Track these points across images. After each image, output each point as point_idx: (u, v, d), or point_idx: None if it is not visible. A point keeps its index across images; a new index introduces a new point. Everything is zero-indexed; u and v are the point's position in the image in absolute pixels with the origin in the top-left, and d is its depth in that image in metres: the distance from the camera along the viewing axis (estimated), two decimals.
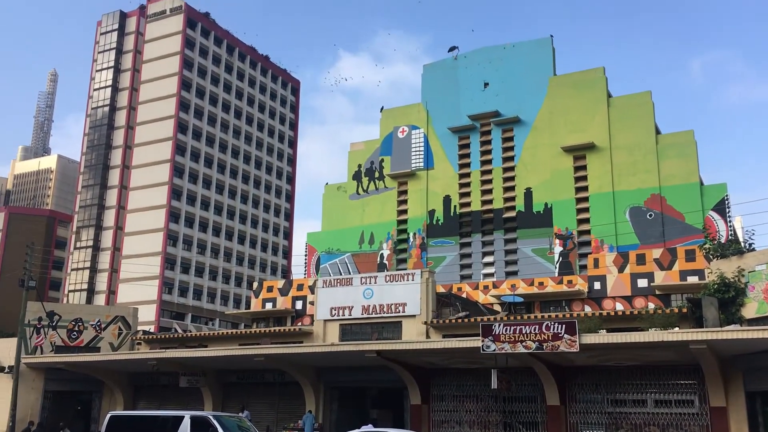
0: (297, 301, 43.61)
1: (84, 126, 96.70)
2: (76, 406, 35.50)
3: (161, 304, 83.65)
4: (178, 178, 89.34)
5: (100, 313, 37.63)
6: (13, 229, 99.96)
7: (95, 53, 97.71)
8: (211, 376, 31.30)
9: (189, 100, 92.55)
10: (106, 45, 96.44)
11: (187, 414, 21.71)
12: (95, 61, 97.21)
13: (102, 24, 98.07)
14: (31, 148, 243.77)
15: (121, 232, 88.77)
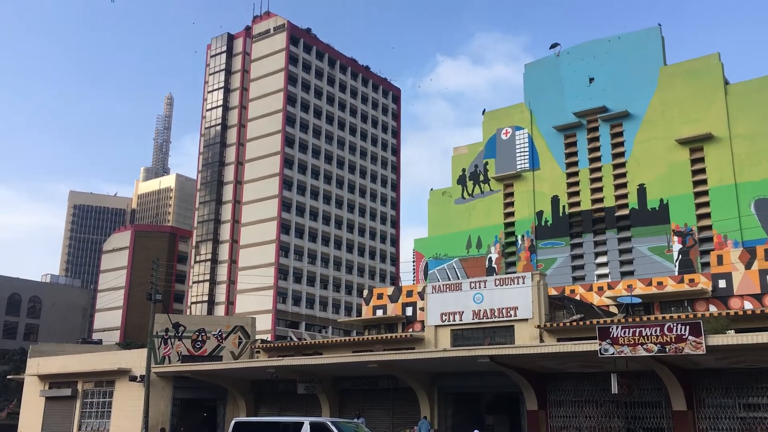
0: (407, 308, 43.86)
1: (199, 145, 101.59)
2: (203, 412, 37.16)
3: (276, 313, 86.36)
4: (287, 190, 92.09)
5: (220, 324, 39.28)
6: (139, 245, 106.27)
7: (206, 75, 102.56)
8: (327, 383, 31.95)
9: (294, 114, 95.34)
10: (216, 67, 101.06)
11: (306, 420, 22.28)
12: (206, 83, 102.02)
13: (212, 47, 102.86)
14: (152, 169, 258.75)
15: (237, 245, 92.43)
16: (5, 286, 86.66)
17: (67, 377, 38.47)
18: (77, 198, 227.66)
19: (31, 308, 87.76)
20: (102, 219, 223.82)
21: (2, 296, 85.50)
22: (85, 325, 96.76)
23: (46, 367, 39.78)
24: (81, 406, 37.59)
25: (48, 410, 38.99)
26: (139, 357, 35.85)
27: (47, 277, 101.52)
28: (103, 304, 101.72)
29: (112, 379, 36.71)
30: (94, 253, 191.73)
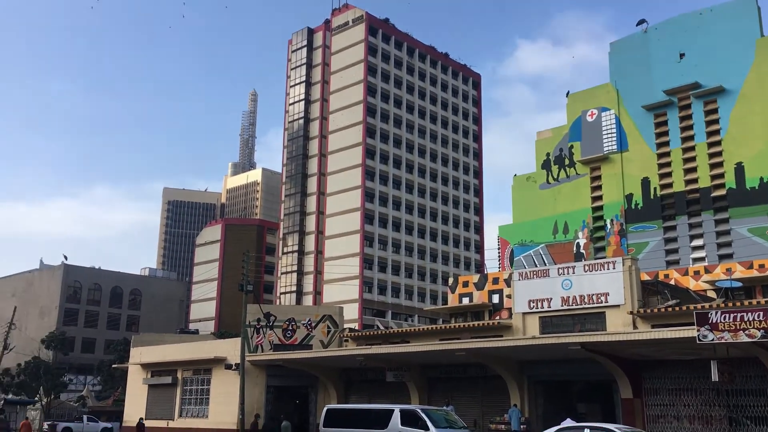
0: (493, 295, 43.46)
1: (283, 139, 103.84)
2: (295, 400, 38.13)
3: (363, 303, 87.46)
4: (370, 180, 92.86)
5: (309, 313, 40.13)
6: (229, 238, 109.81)
7: (288, 70, 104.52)
8: (415, 371, 32.13)
9: (375, 104, 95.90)
10: (297, 61, 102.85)
11: (396, 407, 22.50)
12: (288, 77, 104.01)
13: (292, 42, 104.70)
14: (239, 164, 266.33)
15: (322, 235, 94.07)
16: (108, 280, 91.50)
17: (168, 366, 40.24)
18: (171, 194, 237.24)
19: (132, 300, 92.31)
20: (194, 214, 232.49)
21: (106, 290, 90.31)
22: (182, 316, 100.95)
23: (148, 356, 41.75)
24: (181, 393, 39.26)
25: (151, 397, 40.93)
26: (233, 346, 37.09)
27: (146, 270, 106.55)
28: (198, 295, 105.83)
29: (209, 368, 38.16)
30: (188, 246, 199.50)
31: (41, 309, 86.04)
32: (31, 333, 73.01)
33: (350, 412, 24.85)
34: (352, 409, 25.74)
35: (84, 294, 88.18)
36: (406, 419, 21.67)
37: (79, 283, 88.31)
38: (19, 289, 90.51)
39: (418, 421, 21.39)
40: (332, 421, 23.72)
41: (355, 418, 23.68)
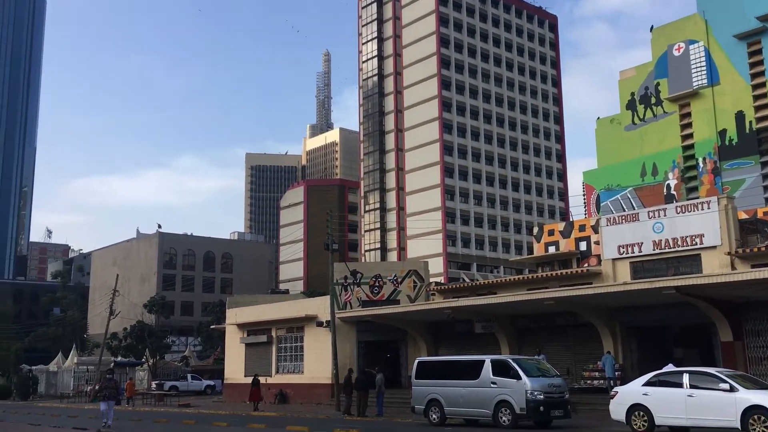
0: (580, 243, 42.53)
1: (358, 97, 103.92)
2: (386, 354, 38.83)
3: (447, 256, 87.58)
4: (447, 133, 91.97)
5: (395, 269, 40.49)
6: (312, 199, 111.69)
7: (359, 27, 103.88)
8: (503, 322, 32.04)
9: (449, 55, 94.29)
10: (368, 18, 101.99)
11: (487, 358, 22.51)
12: (360, 34, 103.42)
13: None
14: (317, 125, 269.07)
15: (403, 192, 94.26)
16: (201, 246, 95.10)
17: (262, 325, 41.65)
18: (253, 159, 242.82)
19: (224, 264, 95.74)
20: (277, 177, 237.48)
21: (199, 255, 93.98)
22: (272, 277, 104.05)
23: (243, 316, 43.30)
24: (276, 350, 40.66)
25: (248, 355, 42.57)
26: (322, 304, 37.96)
27: (235, 234, 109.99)
28: (286, 256, 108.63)
29: (301, 325, 39.26)
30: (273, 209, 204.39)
31: (141, 276, 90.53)
32: (134, 299, 77.06)
33: (441, 363, 25.05)
34: (443, 360, 25.94)
35: (179, 260, 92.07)
36: (497, 369, 21.68)
37: (174, 250, 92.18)
38: (120, 258, 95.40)
39: (509, 370, 21.36)
40: (423, 373, 24.00)
41: (446, 370, 23.88)
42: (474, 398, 21.90)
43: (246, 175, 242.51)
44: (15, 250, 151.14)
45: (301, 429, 21.92)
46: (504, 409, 21.01)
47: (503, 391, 21.13)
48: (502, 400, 21.07)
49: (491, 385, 21.49)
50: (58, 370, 63.69)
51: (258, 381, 34.98)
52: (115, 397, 23.86)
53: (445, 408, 22.72)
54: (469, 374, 22.43)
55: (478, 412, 21.96)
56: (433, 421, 23.01)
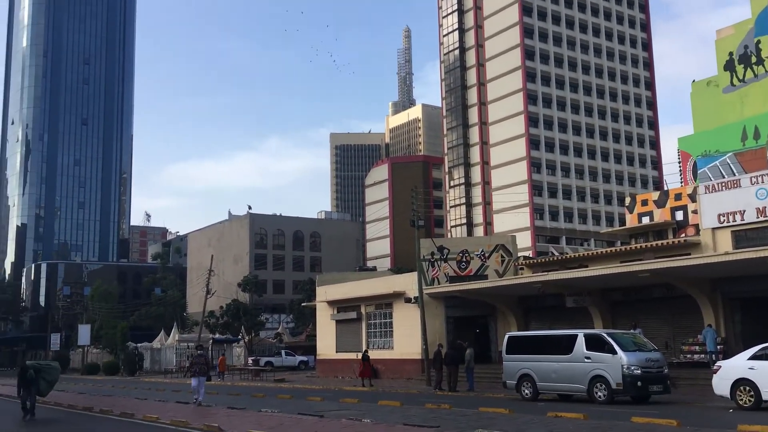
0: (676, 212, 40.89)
1: (440, 72, 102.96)
2: (475, 329, 38.68)
3: (535, 230, 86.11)
4: (532, 104, 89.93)
5: (482, 244, 40.14)
6: (396, 176, 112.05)
7: (439, 1, 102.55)
8: (596, 295, 31.24)
9: (532, 24, 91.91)
10: None
11: (580, 332, 22.02)
12: (440, 8, 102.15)
13: None
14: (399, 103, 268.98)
15: (488, 166, 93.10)
16: (290, 225, 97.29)
17: (351, 302, 42.29)
18: (337, 139, 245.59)
19: (313, 243, 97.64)
20: (361, 156, 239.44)
21: (288, 234, 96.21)
22: (359, 255, 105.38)
23: (333, 293, 44.08)
24: (366, 326, 41.22)
25: (339, 331, 43.39)
26: (410, 280, 38.11)
27: (322, 213, 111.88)
28: (372, 234, 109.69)
29: (389, 302, 39.59)
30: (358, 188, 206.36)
31: (234, 256, 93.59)
32: (228, 278, 79.82)
33: (532, 338, 24.72)
34: (534, 335, 25.58)
35: (269, 240, 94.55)
36: (591, 344, 21.17)
37: (264, 230, 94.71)
38: (214, 239, 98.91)
39: (604, 345, 20.82)
40: (514, 348, 23.75)
41: (538, 345, 23.55)
42: (567, 373, 21.52)
43: (331, 155, 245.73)
44: (118, 234, 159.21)
45: (393, 404, 22.14)
46: (599, 385, 20.55)
47: (598, 366, 20.64)
48: (596, 375, 20.61)
49: (585, 359, 21.03)
50: (161, 347, 66.97)
51: (368, 356, 34.70)
52: (205, 373, 23.88)
53: (538, 383, 22.46)
54: (561, 349, 22.04)
55: (571, 387, 21.58)
56: (525, 396, 22.79)
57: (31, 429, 19.07)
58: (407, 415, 18.38)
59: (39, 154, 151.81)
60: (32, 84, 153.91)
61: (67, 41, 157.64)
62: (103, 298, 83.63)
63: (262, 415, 18.70)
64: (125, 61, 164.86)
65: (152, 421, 18.62)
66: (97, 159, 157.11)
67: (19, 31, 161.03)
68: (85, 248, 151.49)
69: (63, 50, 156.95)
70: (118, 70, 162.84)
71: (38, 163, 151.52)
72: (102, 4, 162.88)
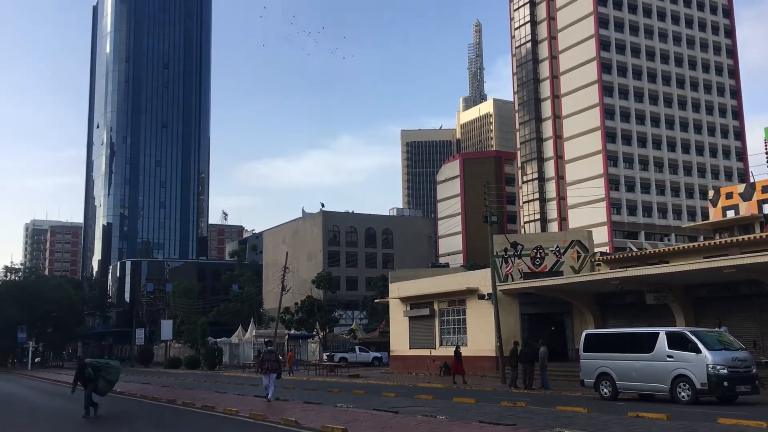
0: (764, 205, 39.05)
1: (511, 66, 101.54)
2: (550, 326, 38.01)
3: (612, 225, 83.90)
4: (608, 96, 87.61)
5: (557, 239, 39.35)
6: (468, 172, 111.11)
7: None
8: (678, 292, 30.17)
9: (606, 14, 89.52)
10: None
11: (662, 330, 21.34)
12: (511, 1, 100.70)
13: None
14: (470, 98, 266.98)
15: (562, 160, 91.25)
16: (362, 223, 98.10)
17: (424, 298, 42.27)
18: (408, 136, 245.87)
19: (385, 240, 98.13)
20: (432, 152, 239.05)
21: (361, 231, 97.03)
22: (431, 251, 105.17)
23: (405, 290, 44.18)
24: (439, 323, 41.14)
25: (412, 328, 43.44)
26: (483, 277, 37.77)
27: (393, 210, 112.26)
28: (444, 230, 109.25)
29: (462, 298, 39.38)
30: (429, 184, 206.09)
31: (308, 253, 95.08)
32: (303, 275, 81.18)
33: (611, 336, 24.07)
34: (613, 333, 24.88)
35: (342, 237, 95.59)
36: (673, 342, 20.47)
37: (337, 228, 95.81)
38: (288, 237, 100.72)
39: (687, 343, 20.10)
40: (592, 346, 23.21)
41: (617, 343, 22.95)
42: (648, 372, 20.89)
43: (402, 152, 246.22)
44: (197, 232, 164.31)
45: (468, 401, 22.02)
46: (683, 384, 19.87)
47: (681, 365, 19.96)
48: (680, 375, 19.94)
49: (667, 358, 20.37)
50: (239, 342, 68.74)
51: (460, 353, 33.71)
52: (276, 369, 23.24)
53: (617, 382, 21.90)
54: (642, 347, 21.43)
55: (653, 386, 20.95)
56: (604, 395, 22.25)
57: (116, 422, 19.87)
58: (483, 412, 18.23)
59: (123, 156, 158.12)
60: (115, 89, 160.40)
61: (148, 47, 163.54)
62: (184, 295, 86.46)
63: (338, 411, 18.91)
64: (202, 64, 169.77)
65: (232, 414, 19.12)
66: (176, 160, 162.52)
67: (102, 38, 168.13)
68: (166, 246, 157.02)
69: (143, 56, 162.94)
70: (196, 73, 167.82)
71: (122, 165, 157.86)
72: (180, 11, 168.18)
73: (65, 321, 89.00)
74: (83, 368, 20.22)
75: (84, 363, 20.53)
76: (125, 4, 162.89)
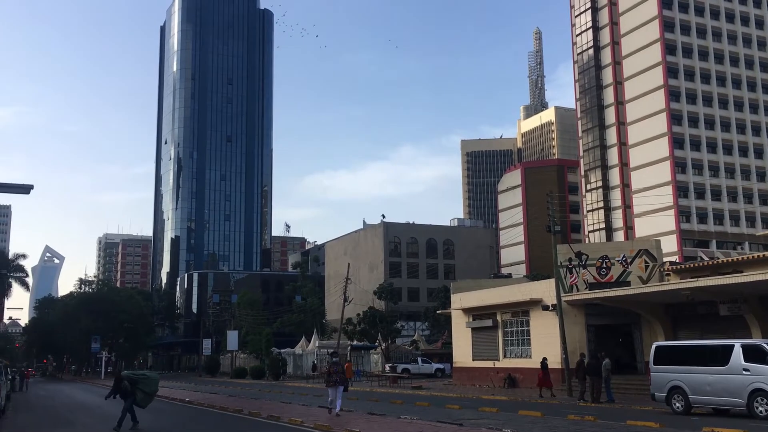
0: None
1: (573, 73, 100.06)
2: (618, 338, 37.04)
3: (681, 234, 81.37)
4: (675, 101, 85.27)
5: (623, 249, 38.38)
6: (529, 182, 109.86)
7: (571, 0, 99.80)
8: (753, 302, 28.96)
9: (672, 17, 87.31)
10: None
11: (737, 342, 20.55)
12: (572, 7, 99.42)
13: None
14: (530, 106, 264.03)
15: (627, 168, 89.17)
16: (423, 233, 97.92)
17: (486, 309, 41.81)
18: (468, 146, 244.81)
19: (446, 250, 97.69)
20: (492, 161, 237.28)
21: (421, 242, 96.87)
22: (493, 262, 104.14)
23: (467, 301, 43.80)
24: (503, 334, 40.58)
25: (475, 339, 43.00)
26: (547, 287, 37.12)
27: (454, 221, 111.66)
28: (506, 240, 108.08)
29: (526, 309, 38.77)
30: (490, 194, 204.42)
31: (369, 264, 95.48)
32: (364, 286, 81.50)
33: (683, 349, 23.28)
34: (685, 345, 24.05)
35: (403, 248, 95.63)
36: (750, 355, 19.67)
37: (398, 239, 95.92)
38: (350, 248, 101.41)
39: (764, 356, 19.29)
40: (663, 358, 22.51)
41: (689, 356, 22.18)
42: (723, 386, 20.13)
43: (462, 162, 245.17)
44: (261, 244, 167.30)
45: (534, 414, 21.65)
46: (760, 399, 19.07)
47: (758, 378, 19.15)
48: (757, 389, 19.14)
49: (743, 372, 19.59)
50: (302, 352, 69.48)
51: (546, 365, 32.31)
52: (344, 381, 22.18)
53: (690, 396, 21.16)
54: (716, 360, 20.66)
55: (728, 401, 20.16)
56: (676, 409, 21.53)
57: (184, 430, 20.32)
58: (549, 426, 17.91)
59: (189, 171, 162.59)
60: (182, 105, 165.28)
61: (212, 64, 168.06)
62: (249, 306, 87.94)
63: (402, 422, 18.88)
64: (264, 79, 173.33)
65: (297, 425, 19.32)
66: (240, 173, 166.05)
67: (169, 57, 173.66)
68: (231, 258, 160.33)
69: (209, 72, 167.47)
70: (258, 87, 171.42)
71: (189, 180, 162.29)
72: (243, 28, 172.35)
73: (136, 331, 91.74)
74: (119, 382, 20.00)
75: (120, 377, 20.34)
76: (191, 24, 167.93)
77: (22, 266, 78.04)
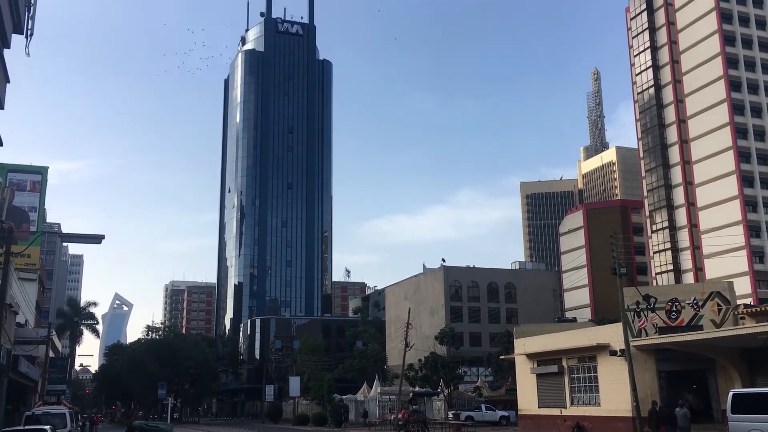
0: None
1: (634, 112, 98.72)
2: (691, 384, 35.55)
3: (755, 275, 78.20)
4: (742, 138, 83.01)
5: (693, 291, 37.10)
6: (592, 223, 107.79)
7: (629, 39, 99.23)
8: None
9: (736, 53, 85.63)
10: (638, 28, 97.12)
11: None
12: (631, 47, 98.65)
13: (630, 9, 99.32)
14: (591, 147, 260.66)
15: (694, 207, 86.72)
16: (484, 277, 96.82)
17: (551, 354, 40.77)
18: (528, 188, 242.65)
19: (508, 294, 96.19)
20: (553, 203, 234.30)
21: (482, 286, 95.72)
22: (557, 305, 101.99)
23: (531, 346, 42.85)
24: (569, 381, 39.41)
25: (540, 385, 41.86)
26: (614, 332, 36.06)
27: (516, 264, 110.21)
28: (569, 283, 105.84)
29: (593, 355, 37.66)
30: (551, 236, 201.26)
31: (430, 308, 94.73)
32: (425, 331, 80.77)
33: (763, 396, 22.17)
34: (765, 393, 22.91)
35: (464, 292, 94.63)
36: None
37: (459, 282, 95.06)
38: (410, 292, 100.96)
39: None
40: (742, 407, 21.50)
41: None
42: None
43: (522, 204, 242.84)
44: (321, 289, 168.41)
45: None
46: None
47: None
48: None
49: None
50: (364, 399, 68.92)
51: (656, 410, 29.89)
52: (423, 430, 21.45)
53: None
54: None
55: None
56: None
57: None
58: None
59: (252, 218, 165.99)
60: (245, 155, 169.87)
61: (273, 114, 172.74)
62: (311, 351, 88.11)
63: None
64: (324, 127, 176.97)
65: None
66: (301, 220, 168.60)
67: (233, 108, 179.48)
68: (292, 304, 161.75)
69: (270, 122, 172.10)
70: (318, 135, 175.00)
71: (251, 227, 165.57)
72: (303, 79, 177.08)
73: (201, 377, 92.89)
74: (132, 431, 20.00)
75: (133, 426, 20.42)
76: (253, 76, 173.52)
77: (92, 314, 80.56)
